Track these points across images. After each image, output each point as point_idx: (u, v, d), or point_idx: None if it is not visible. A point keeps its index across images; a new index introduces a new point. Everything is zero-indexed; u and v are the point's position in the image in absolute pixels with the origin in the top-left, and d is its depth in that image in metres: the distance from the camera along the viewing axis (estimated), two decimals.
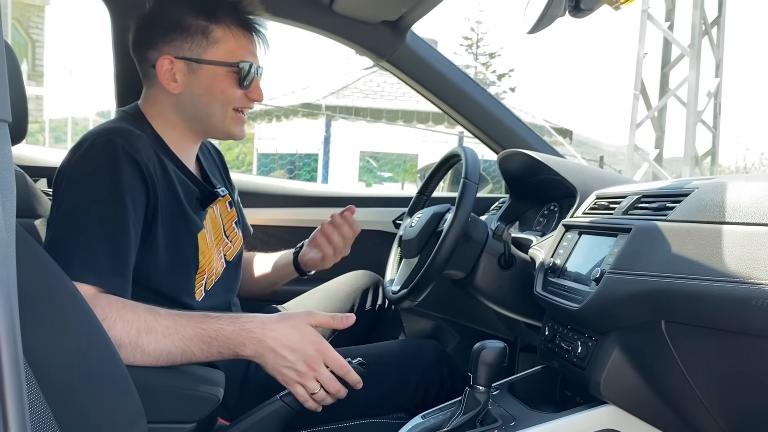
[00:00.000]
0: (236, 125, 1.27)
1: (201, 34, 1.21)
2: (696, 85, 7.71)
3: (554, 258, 1.30)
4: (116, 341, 0.98)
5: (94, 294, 1.03)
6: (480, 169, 1.41)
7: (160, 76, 1.21)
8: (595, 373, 1.07)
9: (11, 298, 0.44)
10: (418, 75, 1.80)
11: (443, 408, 1.20)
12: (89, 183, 1.10)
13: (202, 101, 1.23)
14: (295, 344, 1.06)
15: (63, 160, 1.18)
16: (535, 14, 1.19)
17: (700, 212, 0.96)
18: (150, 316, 1.03)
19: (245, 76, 1.23)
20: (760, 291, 0.78)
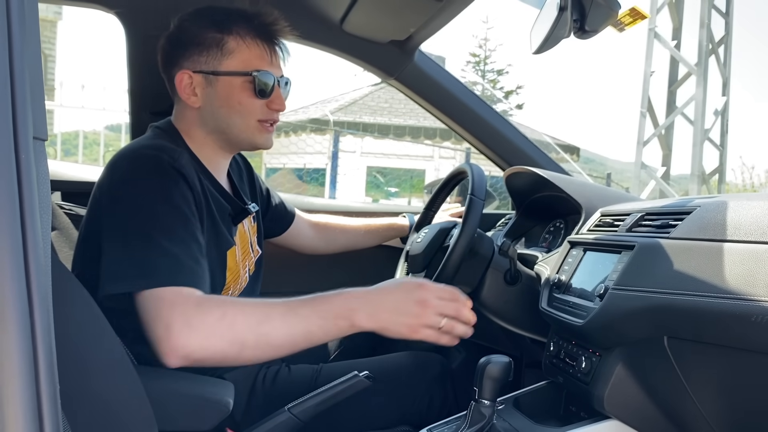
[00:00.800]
0: (261, 135, 1.27)
1: (215, 46, 1.22)
2: (703, 104, 7.73)
3: (559, 274, 1.32)
4: (240, 339, 0.98)
5: (201, 297, 1.02)
6: (486, 186, 1.43)
7: (179, 91, 1.23)
8: (598, 388, 1.08)
9: (47, 305, 0.46)
10: (425, 93, 1.84)
11: (449, 422, 1.21)
12: (146, 199, 1.08)
13: (222, 113, 1.23)
14: (400, 294, 1.06)
15: (103, 178, 1.17)
16: (540, 35, 1.23)
17: (702, 230, 0.98)
18: (264, 305, 1.02)
19: (262, 85, 1.23)
20: (759, 307, 0.79)
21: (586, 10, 1.20)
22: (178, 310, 0.98)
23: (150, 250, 1.04)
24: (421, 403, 1.31)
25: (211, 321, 0.98)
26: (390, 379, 1.31)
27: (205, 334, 0.97)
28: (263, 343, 0.99)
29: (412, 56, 1.78)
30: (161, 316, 0.98)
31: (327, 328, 1.03)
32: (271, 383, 1.32)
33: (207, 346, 0.97)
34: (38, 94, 0.42)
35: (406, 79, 1.82)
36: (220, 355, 0.99)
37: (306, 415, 1.14)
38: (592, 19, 1.21)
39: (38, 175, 0.40)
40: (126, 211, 1.08)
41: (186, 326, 0.97)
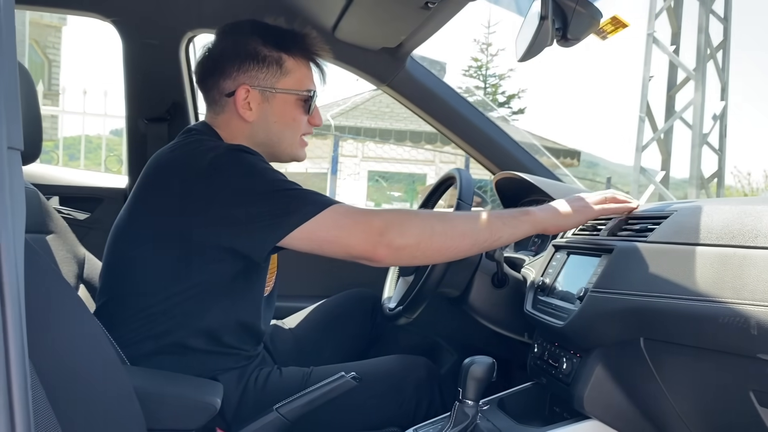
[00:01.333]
0: (302, 149, 1.38)
1: (275, 64, 1.29)
2: (701, 108, 7.75)
3: (544, 277, 1.34)
4: (429, 222, 1.16)
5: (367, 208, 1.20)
6: (473, 191, 1.45)
7: (237, 104, 1.27)
8: (578, 388, 1.10)
9: (20, 307, 0.49)
10: (417, 99, 1.87)
11: (434, 422, 1.24)
12: (251, 168, 1.16)
13: (276, 128, 1.31)
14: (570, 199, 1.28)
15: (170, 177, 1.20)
16: (524, 43, 1.25)
17: (676, 234, 1.00)
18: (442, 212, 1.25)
19: (310, 103, 1.33)
20: (726, 309, 0.82)
21: (568, 18, 1.23)
22: (368, 212, 1.16)
23: (294, 191, 1.16)
24: (409, 404, 1.33)
25: (402, 213, 1.22)
26: (378, 382, 1.33)
27: (403, 224, 1.14)
28: (449, 229, 1.17)
29: (403, 63, 1.81)
30: (356, 221, 1.14)
31: (506, 220, 1.21)
32: (262, 385, 1.34)
33: (406, 234, 1.14)
34: (13, 105, 0.45)
35: (398, 86, 1.85)
36: (414, 242, 1.14)
37: (293, 414, 1.17)
38: (575, 27, 1.23)
39: (12, 183, 0.43)
40: (242, 182, 1.14)
41: (385, 220, 1.14)
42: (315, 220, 1.12)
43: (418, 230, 1.14)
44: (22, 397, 0.56)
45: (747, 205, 0.93)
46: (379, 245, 1.12)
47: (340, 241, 1.13)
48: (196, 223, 1.15)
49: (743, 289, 0.82)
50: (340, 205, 1.15)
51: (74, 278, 1.49)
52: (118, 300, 1.26)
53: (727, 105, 8.18)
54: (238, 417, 1.27)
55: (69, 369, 0.86)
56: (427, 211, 1.17)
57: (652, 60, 8.19)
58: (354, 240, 1.13)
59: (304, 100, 1.32)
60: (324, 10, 1.63)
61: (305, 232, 1.12)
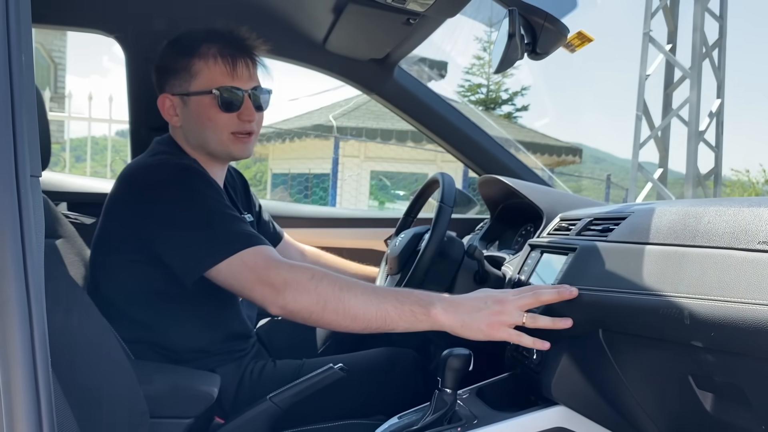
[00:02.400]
0: (236, 146, 1.38)
1: (184, 70, 1.35)
2: (697, 106, 7.81)
3: (520, 275, 1.43)
4: (323, 299, 1.12)
5: (288, 261, 1.18)
6: (455, 195, 1.55)
7: (162, 112, 1.39)
8: (546, 377, 1.20)
9: (41, 305, 0.59)
10: (405, 106, 1.96)
11: (417, 410, 1.33)
12: (183, 193, 1.22)
13: (198, 130, 1.37)
14: (480, 294, 1.15)
15: (119, 190, 1.31)
16: (498, 56, 1.34)
17: (631, 234, 1.10)
18: (346, 279, 1.16)
19: (226, 100, 1.33)
20: (665, 302, 0.91)
21: (537, 34, 1.32)
22: (273, 269, 1.15)
23: (214, 228, 1.19)
24: (395, 393, 1.43)
25: (303, 279, 1.14)
26: (366, 373, 1.43)
27: (299, 290, 1.13)
28: (341, 309, 1.13)
29: (391, 73, 1.91)
30: (260, 277, 1.15)
31: (401, 311, 1.13)
32: (257, 376, 1.44)
33: (299, 301, 1.13)
34: (33, 137, 0.55)
35: (386, 94, 1.95)
36: (306, 311, 1.14)
37: (285, 403, 1.27)
38: (543, 42, 1.33)
39: (35, 206, 0.52)
40: (170, 209, 1.22)
41: (285, 284, 1.13)
42: (226, 264, 1.16)
43: (311, 301, 1.13)
44: (47, 394, 0.66)
45: (692, 206, 1.02)
46: (274, 305, 1.15)
47: (245, 292, 1.18)
48: (144, 237, 1.24)
49: (680, 284, 0.91)
50: (257, 250, 1.17)
51: (82, 280, 1.59)
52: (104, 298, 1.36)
53: (723, 103, 8.24)
54: (235, 406, 1.37)
55: (80, 363, 0.96)
56: (334, 277, 1.15)
57: (656, 57, 8.30)
58: (254, 294, 1.16)
59: (218, 99, 1.32)
60: (314, 25, 1.72)
61: (216, 273, 1.17)
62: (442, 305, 1.12)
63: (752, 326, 0.78)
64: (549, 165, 11.53)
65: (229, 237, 1.18)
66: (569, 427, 1.20)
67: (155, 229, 1.23)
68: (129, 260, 1.30)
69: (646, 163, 9.27)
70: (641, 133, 8.42)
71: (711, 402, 0.93)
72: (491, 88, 18.48)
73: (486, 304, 1.11)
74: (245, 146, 1.39)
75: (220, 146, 1.37)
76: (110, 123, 5.90)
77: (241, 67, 1.36)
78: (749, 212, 0.90)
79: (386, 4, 1.38)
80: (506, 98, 18.64)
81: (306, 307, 1.13)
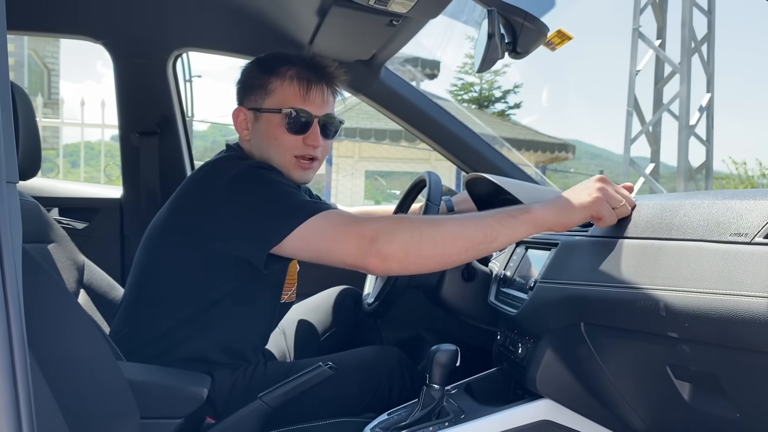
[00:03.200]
0: (296, 170, 1.38)
1: (261, 86, 1.39)
2: (687, 101, 7.86)
3: (506, 270, 1.45)
4: (417, 228, 1.11)
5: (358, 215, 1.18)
6: (441, 192, 1.56)
7: (235, 125, 1.42)
8: (531, 370, 1.22)
9: (20, 310, 0.60)
10: (392, 106, 1.98)
11: (405, 406, 1.35)
12: (258, 183, 1.25)
13: (264, 146, 1.40)
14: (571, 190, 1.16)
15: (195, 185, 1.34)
16: (479, 56, 1.36)
17: (611, 228, 1.11)
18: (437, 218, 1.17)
19: (294, 121, 1.35)
20: (642, 294, 0.93)
21: (517, 33, 1.34)
22: (358, 220, 1.15)
23: (284, 203, 1.20)
24: (383, 391, 1.45)
25: (389, 222, 1.14)
26: (354, 371, 1.44)
27: (391, 232, 1.11)
28: (438, 235, 1.11)
29: (378, 73, 1.92)
30: (347, 230, 1.14)
31: (502, 219, 1.14)
32: (249, 378, 1.45)
33: (394, 241, 1.11)
34: (9, 145, 0.56)
35: (374, 95, 1.96)
36: (402, 250, 1.11)
37: (275, 402, 1.28)
38: (523, 41, 1.35)
39: (11, 210, 0.54)
40: (243, 198, 1.23)
41: (373, 231, 1.11)
42: (306, 227, 1.15)
43: (406, 235, 1.11)
44: (24, 388, 0.67)
45: (668, 200, 1.04)
46: (369, 254, 1.11)
47: (332, 250, 1.15)
48: (210, 229, 1.26)
49: (656, 276, 0.93)
50: (332, 212, 1.17)
51: (75, 283, 1.61)
52: (146, 298, 1.39)
53: (713, 97, 8.29)
54: (227, 407, 1.38)
55: (68, 364, 0.97)
56: (424, 217, 1.16)
57: (647, 52, 8.34)
58: (345, 248, 1.13)
59: (286, 119, 1.35)
60: (300, 28, 1.74)
61: (297, 240, 1.15)
62: (539, 205, 1.14)
63: (723, 316, 0.80)
64: (543, 162, 11.55)
65: (304, 205, 1.18)
66: (555, 420, 1.22)
67: (225, 220, 1.24)
68: (190, 254, 1.31)
69: (640, 158, 9.32)
70: (633, 129, 8.47)
71: (688, 391, 0.95)
72: (484, 86, 18.51)
73: (588, 186, 1.13)
74: (305, 172, 1.40)
75: (282, 167, 1.38)
76: (103, 128, 5.91)
77: (314, 92, 1.37)
78: (722, 205, 0.92)
79: (369, 6, 1.40)
80: (499, 96, 18.69)
81: (402, 244, 1.10)
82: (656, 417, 1.09)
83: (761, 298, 0.76)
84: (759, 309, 0.76)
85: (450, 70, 21.09)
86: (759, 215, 0.84)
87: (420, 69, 10.64)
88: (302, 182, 1.42)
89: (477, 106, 17.52)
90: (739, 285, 0.79)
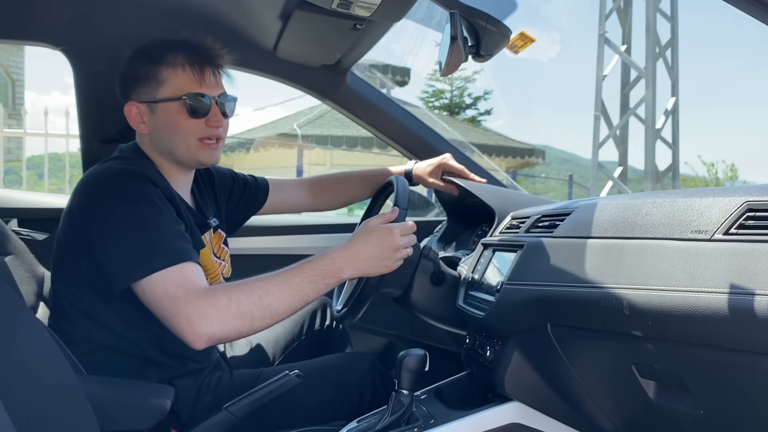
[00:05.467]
0: (203, 152, 1.39)
1: (151, 78, 1.36)
2: (652, 105, 8.00)
3: (474, 273, 1.45)
4: (249, 314, 1.16)
5: (206, 288, 1.19)
6: (408, 197, 1.55)
7: (130, 120, 1.39)
8: (499, 373, 1.21)
9: None
10: (359, 111, 1.97)
11: (375, 413, 1.33)
12: (126, 201, 1.24)
13: (166, 137, 1.38)
14: (375, 243, 1.28)
15: (76, 200, 1.32)
16: (443, 60, 1.36)
17: (575, 229, 1.12)
18: (261, 282, 1.20)
19: (194, 106, 1.35)
20: (606, 293, 0.93)
21: (480, 36, 1.34)
22: (191, 302, 1.16)
23: (142, 240, 1.20)
24: (353, 398, 1.43)
25: (222, 306, 1.15)
26: (323, 379, 1.42)
27: (220, 318, 1.15)
28: (268, 313, 1.18)
29: (344, 78, 1.91)
30: (178, 311, 1.15)
31: (319, 289, 1.23)
32: (215, 387, 1.42)
33: (224, 327, 1.15)
34: None
35: (340, 100, 1.95)
36: (236, 331, 1.18)
37: (241, 412, 1.25)
38: (486, 44, 1.35)
39: None
40: (112, 218, 1.24)
41: (203, 316, 1.14)
42: (147, 282, 1.17)
43: (236, 323, 1.16)
44: None
45: (631, 200, 1.05)
46: (198, 340, 1.14)
47: (164, 319, 1.17)
48: (89, 244, 1.26)
49: (620, 275, 0.93)
50: (171, 275, 1.17)
51: (34, 296, 1.56)
52: (63, 311, 1.35)
53: (678, 101, 8.46)
54: (192, 418, 1.35)
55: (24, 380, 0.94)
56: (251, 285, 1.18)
57: (612, 57, 8.48)
58: (175, 327, 1.16)
59: (187, 105, 1.34)
60: (263, 32, 1.72)
61: (139, 288, 1.18)
62: (350, 268, 1.26)
63: (685, 313, 0.81)
64: (513, 167, 11.65)
65: (154, 253, 1.19)
66: (524, 423, 1.21)
67: (95, 234, 1.24)
68: (81, 269, 1.30)
69: (608, 162, 9.45)
70: (600, 133, 8.60)
71: (654, 389, 0.95)
72: (455, 93, 18.64)
73: (383, 253, 1.28)
74: (212, 152, 1.41)
75: (188, 153, 1.38)
76: (67, 138, 5.80)
77: (208, 75, 1.38)
78: (683, 202, 0.93)
79: (332, 9, 1.39)
80: (470, 103, 18.82)
81: (233, 329, 1.17)
82: (623, 416, 1.09)
83: (721, 294, 0.76)
84: (719, 305, 0.76)
85: (421, 77, 21.21)
86: (718, 212, 0.85)
87: (390, 76, 10.67)
88: (211, 163, 1.44)
89: (448, 113, 17.60)
90: (700, 282, 0.80)
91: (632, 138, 9.00)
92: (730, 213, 0.83)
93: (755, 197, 0.83)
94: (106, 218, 1.24)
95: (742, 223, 0.82)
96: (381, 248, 1.27)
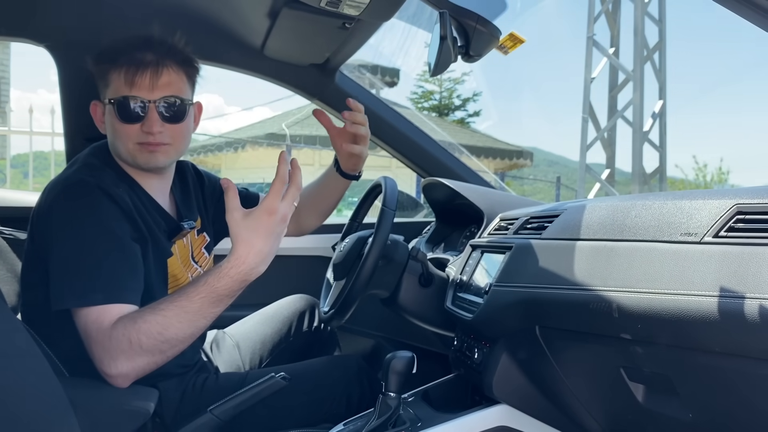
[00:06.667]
0: (141, 155, 1.31)
1: (102, 78, 1.33)
2: (640, 107, 8.05)
3: (462, 275, 1.44)
4: (155, 349, 1.11)
5: (110, 327, 1.13)
6: (396, 198, 1.54)
7: (94, 120, 1.36)
8: (487, 375, 1.20)
9: None
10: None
11: (362, 416, 1.32)
12: (75, 221, 1.20)
13: (111, 138, 1.34)
14: (262, 228, 1.13)
15: (41, 202, 1.28)
16: (432, 60, 1.35)
17: (564, 231, 1.11)
18: (157, 316, 1.13)
19: (122, 111, 1.28)
20: (594, 296, 0.92)
21: (469, 36, 1.33)
22: (99, 344, 1.13)
23: (80, 271, 1.16)
24: (340, 401, 1.41)
25: (125, 348, 1.11)
26: (309, 381, 1.41)
27: (128, 357, 1.11)
28: (176, 342, 1.13)
29: (333, 78, 1.89)
30: (91, 349, 1.13)
31: (225, 303, 1.15)
32: (200, 390, 1.40)
33: (135, 365, 1.12)
34: None
35: (329, 99, 1.93)
36: (150, 365, 1.14)
37: (226, 415, 1.24)
38: (476, 44, 1.34)
39: None
40: (59, 236, 1.20)
41: (110, 358, 1.11)
42: (75, 312, 1.15)
43: (146, 359, 1.12)
44: None
45: (620, 201, 1.04)
46: (110, 377, 1.13)
47: (91, 353, 1.14)
48: (44, 249, 1.23)
49: (609, 278, 0.92)
50: (94, 312, 1.14)
51: (15, 296, 1.53)
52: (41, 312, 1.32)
53: (666, 103, 8.52)
54: (176, 421, 1.33)
55: (1, 380, 0.92)
56: (148, 320, 1.12)
57: (601, 59, 8.52)
58: (96, 360, 1.13)
59: (116, 108, 1.28)
60: (251, 31, 1.70)
61: (75, 318, 1.16)
62: (255, 269, 1.15)
63: (675, 316, 0.80)
64: (501, 168, 11.68)
65: (85, 286, 1.16)
66: (512, 426, 1.21)
67: (49, 247, 1.21)
68: (46, 270, 1.24)
69: (596, 164, 9.49)
70: (588, 135, 8.64)
71: (642, 393, 0.94)
72: (444, 94, 18.66)
73: (274, 229, 1.14)
74: (152, 155, 1.32)
75: (129, 156, 1.32)
76: (53, 136, 5.74)
77: (142, 76, 1.29)
78: (672, 205, 0.92)
79: (320, 8, 1.38)
80: (459, 104, 18.86)
81: (146, 364, 1.13)
82: (611, 419, 1.09)
83: (711, 297, 0.76)
84: (709, 308, 0.76)
85: (410, 78, 21.19)
86: (708, 215, 0.85)
87: (380, 77, 10.66)
88: (151, 166, 1.34)
89: (437, 114, 17.62)
90: (690, 284, 0.79)
91: (620, 140, 9.06)
92: (719, 216, 0.83)
93: (745, 200, 0.82)
94: (56, 237, 1.21)
95: (731, 226, 0.81)
96: (269, 227, 1.14)
